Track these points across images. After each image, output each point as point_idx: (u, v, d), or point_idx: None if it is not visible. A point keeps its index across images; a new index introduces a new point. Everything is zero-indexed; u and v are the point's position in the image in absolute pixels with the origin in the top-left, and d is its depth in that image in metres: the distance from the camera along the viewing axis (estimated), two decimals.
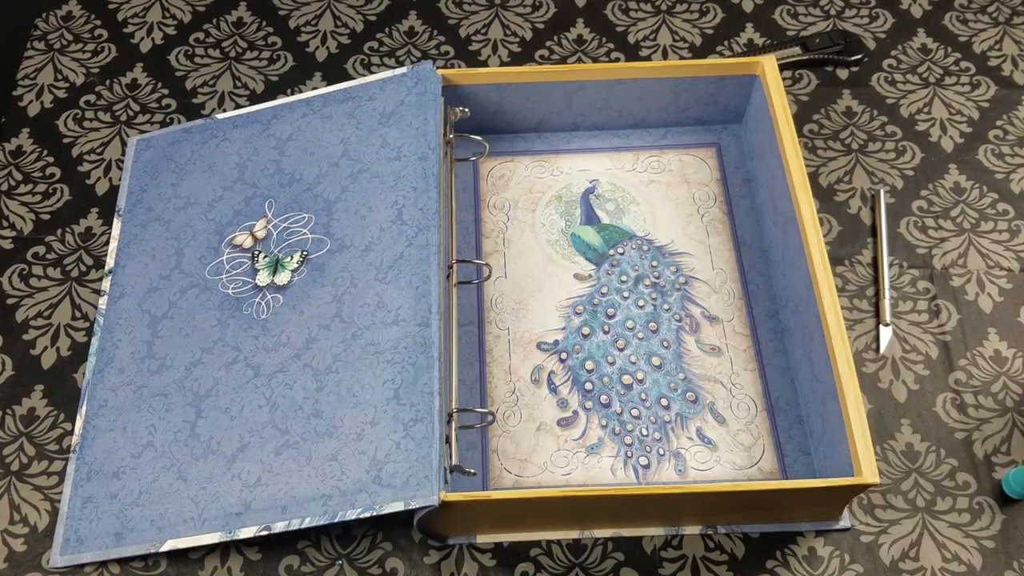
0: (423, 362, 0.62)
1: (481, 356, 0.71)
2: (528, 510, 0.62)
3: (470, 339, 0.72)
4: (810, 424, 0.68)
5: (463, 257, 0.75)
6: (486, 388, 0.70)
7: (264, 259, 0.71)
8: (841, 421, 0.60)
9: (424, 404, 0.60)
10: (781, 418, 0.69)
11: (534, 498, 0.59)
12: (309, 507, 0.60)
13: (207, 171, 0.77)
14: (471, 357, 0.71)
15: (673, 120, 0.81)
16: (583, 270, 0.75)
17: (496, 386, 0.70)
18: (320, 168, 0.73)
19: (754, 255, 0.76)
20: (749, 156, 0.80)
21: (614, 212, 0.78)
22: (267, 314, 0.68)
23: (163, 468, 0.64)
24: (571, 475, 0.67)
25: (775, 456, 0.67)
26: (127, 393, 0.68)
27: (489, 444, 0.68)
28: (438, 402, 0.60)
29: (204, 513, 0.62)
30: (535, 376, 0.71)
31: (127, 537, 0.63)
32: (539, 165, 0.81)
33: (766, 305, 0.73)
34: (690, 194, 0.79)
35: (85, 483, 0.65)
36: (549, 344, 0.72)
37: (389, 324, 0.64)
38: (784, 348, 0.71)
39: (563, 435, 0.68)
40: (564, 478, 0.67)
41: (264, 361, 0.66)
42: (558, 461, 0.67)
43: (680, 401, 0.70)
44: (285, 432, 0.63)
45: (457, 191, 0.79)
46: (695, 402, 0.69)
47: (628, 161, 0.81)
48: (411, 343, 0.63)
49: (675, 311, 0.73)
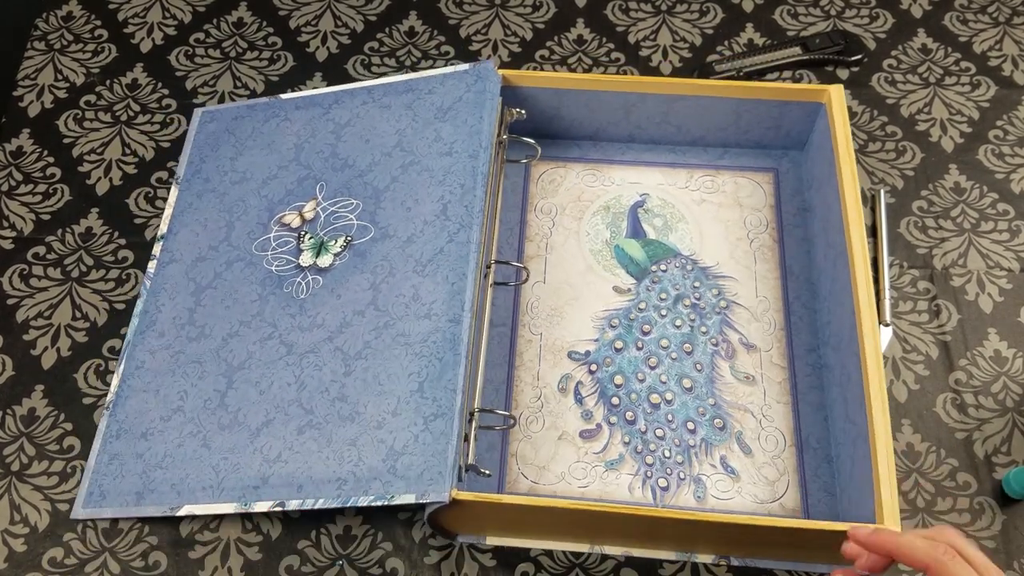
0: (450, 358, 0.62)
1: (511, 359, 0.71)
2: (539, 518, 0.61)
3: (502, 341, 0.72)
4: (838, 465, 0.66)
5: (503, 258, 0.75)
6: (512, 391, 0.70)
7: (309, 240, 0.72)
8: (870, 467, 0.59)
9: (446, 400, 0.60)
10: (809, 456, 0.67)
11: (545, 507, 0.59)
12: (324, 489, 0.61)
13: (265, 148, 0.78)
14: (501, 359, 0.71)
15: (732, 141, 0.80)
16: (623, 283, 0.75)
17: (522, 390, 0.70)
18: (373, 156, 0.74)
19: (800, 286, 0.74)
20: (807, 185, 0.78)
21: (661, 228, 0.77)
22: (306, 294, 0.69)
23: (189, 434, 0.66)
24: (587, 488, 0.66)
25: (799, 494, 0.66)
26: (164, 357, 0.70)
27: (509, 447, 0.68)
28: (460, 400, 0.60)
29: (223, 483, 0.63)
30: (562, 385, 0.70)
31: (147, 498, 0.64)
32: (590, 173, 0.80)
33: (807, 339, 0.72)
34: (742, 217, 0.77)
35: (114, 440, 0.67)
36: (580, 354, 0.72)
37: (421, 317, 0.64)
38: (820, 385, 0.70)
39: (584, 447, 0.68)
40: (580, 490, 0.66)
41: (298, 340, 0.67)
42: (576, 472, 0.67)
43: (707, 427, 0.68)
44: (309, 412, 0.64)
45: (505, 191, 0.79)
46: (722, 429, 0.68)
47: (681, 178, 0.80)
48: (440, 338, 0.63)
49: (712, 335, 0.72)
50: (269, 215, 0.75)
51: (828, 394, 0.69)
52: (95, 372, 0.73)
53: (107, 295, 0.76)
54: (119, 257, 0.78)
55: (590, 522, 0.61)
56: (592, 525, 0.62)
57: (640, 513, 0.58)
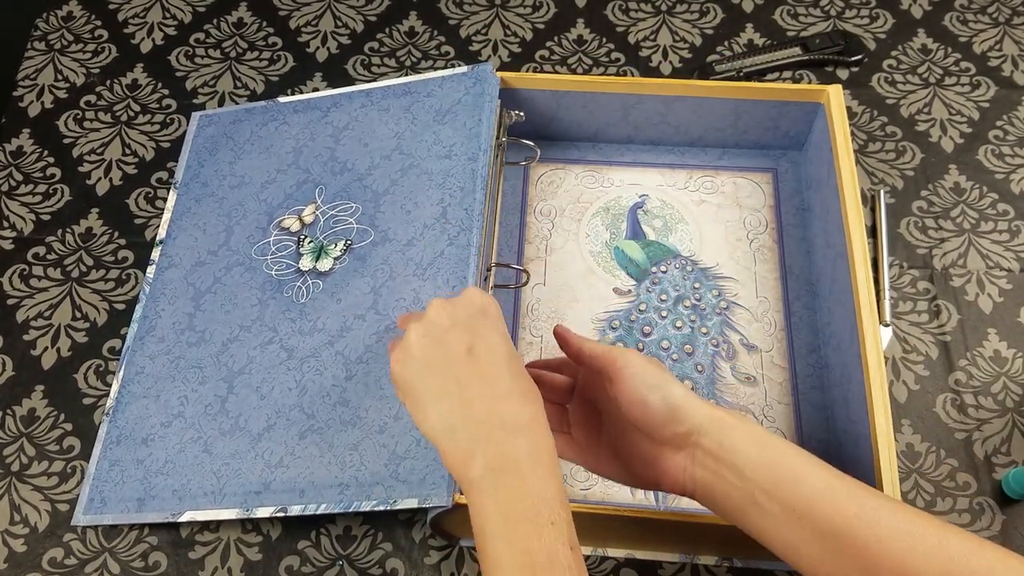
0: None
1: None
2: None
3: None
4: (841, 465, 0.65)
5: (503, 260, 0.75)
6: None
7: (309, 244, 0.72)
8: (872, 467, 0.59)
9: None
10: None
11: None
12: (326, 494, 0.60)
13: (264, 152, 0.78)
14: None
15: (731, 142, 0.80)
16: (623, 285, 0.75)
17: None
18: (372, 160, 0.74)
19: (800, 287, 0.74)
20: (806, 185, 0.78)
21: (661, 229, 0.77)
22: (306, 298, 0.69)
23: (190, 440, 0.65)
24: (590, 491, 0.66)
25: None
26: (164, 362, 0.70)
27: None
28: None
29: (225, 488, 0.63)
30: None
31: (149, 504, 0.64)
32: (589, 175, 0.80)
33: (807, 339, 0.72)
34: (741, 218, 0.77)
35: (114, 446, 0.67)
36: None
37: None
38: (821, 385, 0.70)
39: None
40: (582, 493, 0.66)
41: (298, 344, 0.67)
42: (578, 475, 0.67)
43: None
44: (311, 417, 0.64)
45: (505, 194, 0.78)
46: None
47: (681, 179, 0.79)
48: None
49: (713, 335, 0.72)
50: (268, 219, 0.74)
51: (829, 394, 0.69)
52: (95, 372, 0.73)
53: (107, 295, 0.76)
54: (119, 257, 0.78)
55: (592, 525, 0.61)
56: (594, 528, 0.62)
57: (642, 515, 0.58)
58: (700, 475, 0.49)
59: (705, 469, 0.49)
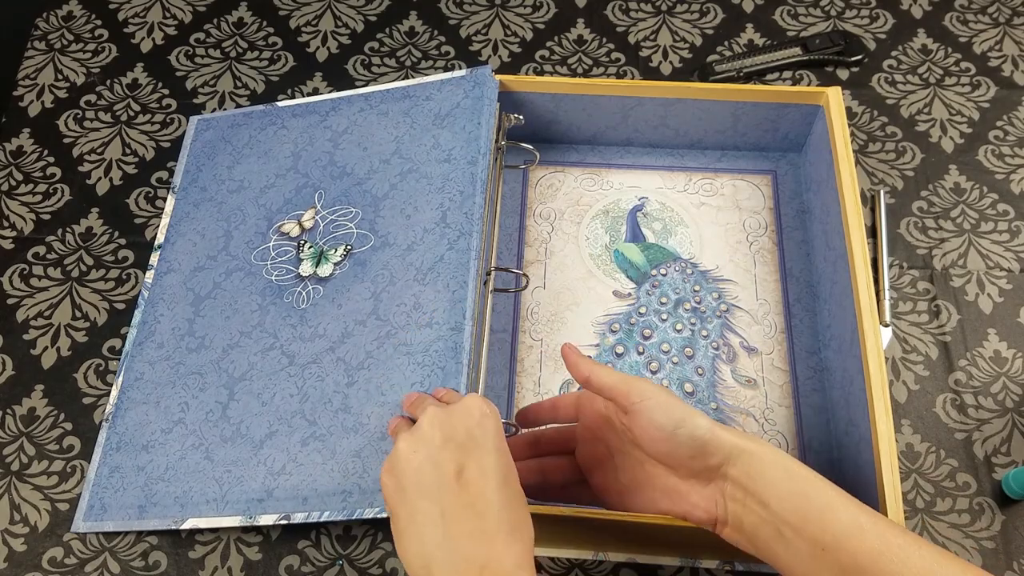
0: (452, 367, 0.62)
1: (512, 365, 0.71)
2: (542, 525, 0.61)
3: (502, 347, 0.72)
4: (842, 468, 0.66)
5: (503, 264, 0.75)
6: (514, 398, 0.70)
7: (309, 249, 0.72)
8: (873, 469, 0.59)
9: None
10: (812, 459, 0.67)
11: (547, 515, 0.59)
12: (329, 501, 0.60)
13: (263, 157, 0.78)
14: (502, 366, 0.71)
15: (730, 144, 0.80)
16: (623, 288, 0.75)
17: (524, 396, 0.70)
18: (371, 164, 0.74)
19: (801, 289, 0.74)
20: (806, 187, 0.78)
21: (661, 232, 0.77)
22: (306, 304, 0.69)
23: (191, 446, 0.65)
24: None
25: None
26: (164, 368, 0.70)
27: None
28: None
29: (227, 496, 0.63)
30: (564, 390, 0.70)
31: (150, 511, 0.64)
32: (589, 178, 0.80)
33: (808, 342, 0.72)
34: (741, 220, 0.77)
35: (114, 453, 0.67)
36: None
37: (423, 326, 0.64)
38: (822, 387, 0.70)
39: None
40: None
41: (299, 350, 0.67)
42: None
43: None
44: (313, 423, 0.64)
45: (504, 197, 0.78)
46: None
47: (680, 181, 0.79)
48: (442, 347, 0.63)
49: (713, 338, 0.72)
50: (268, 224, 0.74)
51: (830, 397, 0.69)
52: (95, 372, 0.73)
53: (107, 295, 0.76)
54: (119, 257, 0.78)
55: (593, 530, 0.61)
56: (595, 533, 0.62)
57: (643, 520, 0.58)
58: (732, 508, 0.48)
59: (735, 502, 0.48)
